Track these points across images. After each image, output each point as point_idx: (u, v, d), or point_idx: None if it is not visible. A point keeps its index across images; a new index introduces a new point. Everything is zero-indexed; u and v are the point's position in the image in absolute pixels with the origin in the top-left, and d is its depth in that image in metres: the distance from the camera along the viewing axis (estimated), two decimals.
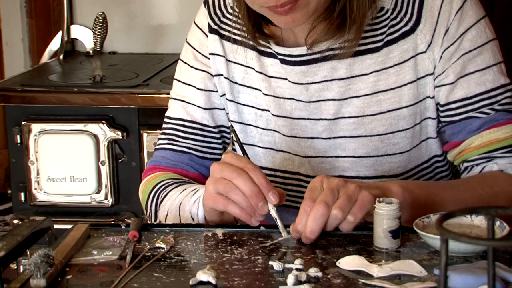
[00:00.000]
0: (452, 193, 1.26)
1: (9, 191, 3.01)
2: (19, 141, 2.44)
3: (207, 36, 1.42)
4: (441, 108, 1.33)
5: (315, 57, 1.33)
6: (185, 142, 1.43)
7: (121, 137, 2.42)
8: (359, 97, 1.33)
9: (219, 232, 1.21)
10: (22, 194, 2.48)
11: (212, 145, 1.45)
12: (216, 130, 1.45)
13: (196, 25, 1.44)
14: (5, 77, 3.04)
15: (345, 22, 1.27)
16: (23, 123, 2.43)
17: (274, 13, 1.23)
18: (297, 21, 1.24)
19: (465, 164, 1.35)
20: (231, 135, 1.46)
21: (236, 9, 1.35)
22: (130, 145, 2.45)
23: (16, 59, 3.14)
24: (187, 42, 1.46)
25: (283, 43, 1.35)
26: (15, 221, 2.45)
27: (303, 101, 1.36)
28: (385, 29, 1.31)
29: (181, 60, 1.46)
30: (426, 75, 1.32)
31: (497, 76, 1.32)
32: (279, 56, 1.35)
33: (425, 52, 1.31)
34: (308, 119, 1.36)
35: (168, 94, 1.49)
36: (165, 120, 1.47)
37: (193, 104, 1.43)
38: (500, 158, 1.32)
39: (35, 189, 2.45)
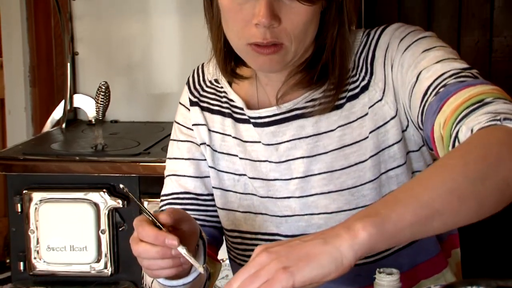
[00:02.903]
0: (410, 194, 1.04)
1: (8, 260, 2.99)
2: (19, 210, 2.42)
3: (189, 110, 1.48)
4: (418, 126, 1.27)
5: (284, 117, 1.37)
6: None
7: (121, 206, 2.41)
8: (327, 153, 1.36)
9: None
10: (21, 263, 2.45)
11: (208, 213, 1.46)
12: (210, 198, 1.46)
13: (180, 103, 1.51)
14: (7, 145, 3.04)
15: (322, 80, 1.32)
16: (24, 191, 2.42)
17: (256, 51, 1.27)
18: (273, 66, 1.29)
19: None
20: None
21: (215, 83, 1.45)
22: (131, 214, 2.43)
23: (19, 127, 3.15)
24: (174, 121, 1.51)
25: (258, 106, 1.40)
26: None
27: (275, 162, 1.39)
28: (346, 86, 1.35)
29: (170, 140, 1.51)
30: (387, 122, 1.33)
31: (447, 64, 1.24)
32: (252, 120, 1.39)
33: (380, 100, 1.33)
34: (281, 179, 1.39)
35: None
36: (161, 198, 1.49)
37: (184, 176, 1.46)
38: (467, 117, 1.14)
39: (35, 258, 2.43)
